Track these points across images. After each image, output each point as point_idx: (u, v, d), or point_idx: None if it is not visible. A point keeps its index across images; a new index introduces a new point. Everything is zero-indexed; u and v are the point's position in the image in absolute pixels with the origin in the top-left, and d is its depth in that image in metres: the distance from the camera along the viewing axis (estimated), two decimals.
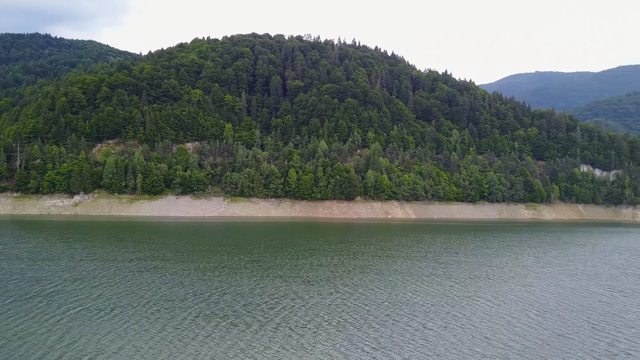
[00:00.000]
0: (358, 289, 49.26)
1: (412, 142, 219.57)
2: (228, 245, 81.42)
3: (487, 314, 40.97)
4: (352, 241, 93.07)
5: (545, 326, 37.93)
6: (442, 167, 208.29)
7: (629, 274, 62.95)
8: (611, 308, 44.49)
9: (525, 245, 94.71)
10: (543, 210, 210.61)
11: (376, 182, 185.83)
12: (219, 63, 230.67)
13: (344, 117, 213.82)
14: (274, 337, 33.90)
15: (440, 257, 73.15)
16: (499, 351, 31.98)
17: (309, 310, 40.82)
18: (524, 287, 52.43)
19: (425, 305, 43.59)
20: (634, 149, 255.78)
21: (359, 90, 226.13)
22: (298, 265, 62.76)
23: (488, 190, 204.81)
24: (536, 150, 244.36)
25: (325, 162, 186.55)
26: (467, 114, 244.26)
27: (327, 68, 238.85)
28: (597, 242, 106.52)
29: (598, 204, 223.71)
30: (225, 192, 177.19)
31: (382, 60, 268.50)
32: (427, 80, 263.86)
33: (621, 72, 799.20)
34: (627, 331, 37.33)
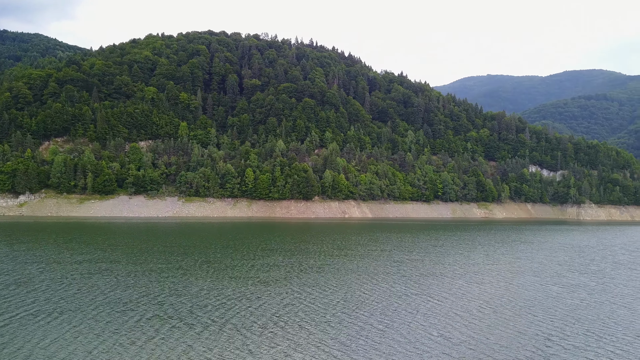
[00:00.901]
0: (312, 289, 49.32)
1: (369, 142, 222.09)
2: (182, 246, 79.83)
3: (438, 311, 41.86)
4: (308, 241, 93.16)
5: (493, 321, 39.10)
6: (397, 167, 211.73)
7: (572, 270, 65.81)
8: (556, 302, 46.35)
9: (477, 243, 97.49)
10: (494, 209, 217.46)
11: (334, 182, 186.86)
12: (174, 60, 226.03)
13: (301, 116, 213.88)
14: (219, 338, 33.43)
15: (395, 256, 74.25)
16: (449, 347, 32.72)
17: (267, 311, 40.53)
18: (474, 284, 53.92)
19: (381, 303, 44.11)
20: (578, 150, 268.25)
21: (316, 90, 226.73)
22: (253, 265, 62.24)
23: (442, 189, 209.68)
24: (488, 151, 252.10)
25: (283, 161, 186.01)
26: (422, 115, 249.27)
27: (285, 67, 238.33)
28: (543, 239, 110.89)
29: (545, 203, 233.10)
30: (180, 191, 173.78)
31: (339, 61, 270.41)
32: (383, 82, 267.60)
33: (567, 77, 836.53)
34: (569, 324, 38.97)
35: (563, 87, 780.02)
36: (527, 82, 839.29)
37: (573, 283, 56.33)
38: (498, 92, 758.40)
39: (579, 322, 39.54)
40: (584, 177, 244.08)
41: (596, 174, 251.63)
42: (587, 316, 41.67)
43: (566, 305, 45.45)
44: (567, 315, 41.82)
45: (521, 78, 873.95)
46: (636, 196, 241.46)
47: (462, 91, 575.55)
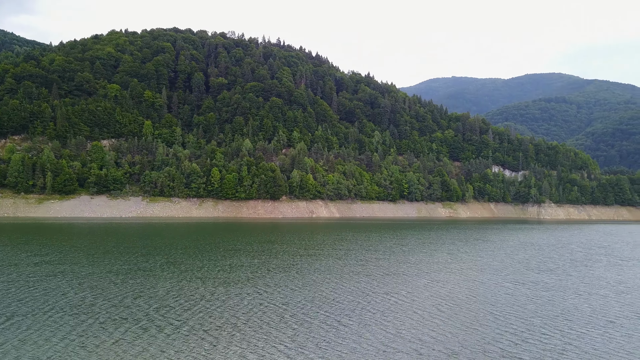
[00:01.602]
0: (276, 289, 49.12)
1: (336, 142, 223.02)
2: (145, 247, 78.21)
3: (401, 309, 42.33)
4: (275, 241, 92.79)
5: (454, 319, 39.81)
6: (364, 167, 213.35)
7: (531, 268, 67.70)
8: (515, 299, 47.57)
9: (441, 242, 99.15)
10: (459, 209, 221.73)
11: (301, 182, 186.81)
12: (138, 57, 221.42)
13: (269, 116, 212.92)
14: (187, 340, 32.92)
15: (360, 255, 74.75)
16: (411, 345, 33.12)
17: (226, 312, 40.10)
18: (437, 282, 54.78)
19: (343, 302, 44.29)
20: (539, 151, 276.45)
21: (284, 90, 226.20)
22: (217, 266, 61.54)
23: (408, 189, 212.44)
24: (452, 152, 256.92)
25: (250, 161, 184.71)
26: (388, 116, 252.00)
27: (252, 66, 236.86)
28: (504, 238, 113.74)
29: (508, 202, 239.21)
30: (144, 191, 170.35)
31: (307, 61, 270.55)
32: (350, 82, 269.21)
33: (528, 80, 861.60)
34: (527, 321, 40.06)
35: (524, 89, 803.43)
36: (491, 85, 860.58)
37: (532, 280, 57.92)
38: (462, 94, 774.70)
39: (537, 319, 40.70)
40: (544, 177, 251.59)
41: (555, 174, 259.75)
42: (545, 312, 42.92)
43: (525, 302, 46.71)
44: (526, 311, 42.99)
45: (485, 80, 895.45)
46: (593, 196, 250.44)
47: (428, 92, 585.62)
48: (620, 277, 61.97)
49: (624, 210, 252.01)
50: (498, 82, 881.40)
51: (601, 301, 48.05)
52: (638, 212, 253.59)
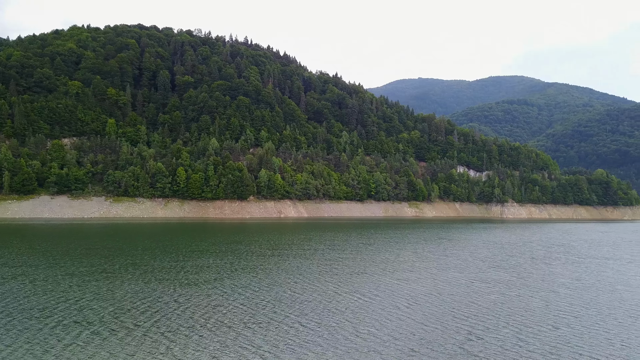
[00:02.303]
0: (243, 290, 48.76)
1: (305, 142, 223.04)
2: (107, 248, 76.34)
3: (364, 309, 42.64)
4: (241, 241, 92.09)
5: (414, 317, 40.35)
6: (332, 167, 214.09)
7: (493, 266, 69.32)
8: (477, 297, 48.61)
9: (406, 241, 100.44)
10: (425, 208, 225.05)
11: (269, 182, 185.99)
12: (101, 54, 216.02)
13: (236, 115, 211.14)
14: (141, 343, 32.25)
15: (327, 255, 74.97)
16: (376, 343, 33.41)
17: (185, 314, 39.49)
18: (401, 281, 55.44)
19: (308, 302, 44.32)
20: (502, 152, 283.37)
21: (251, 89, 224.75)
22: (183, 267, 60.63)
23: (375, 189, 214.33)
24: (418, 152, 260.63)
25: (217, 160, 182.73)
26: (356, 116, 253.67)
27: (219, 65, 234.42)
28: (468, 237, 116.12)
29: (472, 202, 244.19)
30: (107, 191, 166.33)
31: (275, 60, 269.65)
32: (318, 82, 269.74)
33: (491, 82, 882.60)
34: (489, 318, 40.99)
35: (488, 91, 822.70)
36: (456, 86, 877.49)
37: (494, 278, 59.30)
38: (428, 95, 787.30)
39: (498, 316, 41.68)
40: (507, 177, 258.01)
41: (518, 175, 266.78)
42: (506, 309, 44.00)
43: (487, 299, 47.77)
44: (488, 309, 43.98)
45: (450, 82, 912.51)
46: (553, 195, 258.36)
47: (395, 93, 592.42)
48: (577, 274, 64.14)
49: (582, 210, 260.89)
50: (463, 84, 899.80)
51: (558, 298, 49.61)
52: (595, 211, 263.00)
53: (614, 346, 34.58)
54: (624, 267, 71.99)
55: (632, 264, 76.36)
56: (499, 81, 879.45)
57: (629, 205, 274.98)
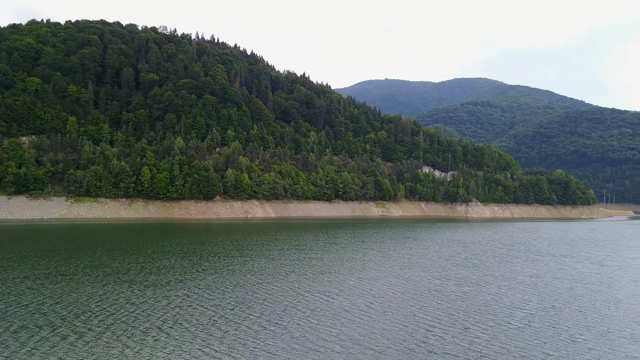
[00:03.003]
0: (205, 291, 48.11)
1: (272, 142, 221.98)
2: (66, 250, 74.06)
3: (330, 308, 42.73)
4: (207, 242, 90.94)
5: (377, 316, 40.68)
6: (300, 167, 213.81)
7: (456, 264, 70.60)
8: (440, 295, 49.38)
9: (373, 240, 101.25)
10: (391, 208, 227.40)
11: (236, 181, 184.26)
12: (62, 49, 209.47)
13: (202, 114, 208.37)
14: (108, 346, 31.44)
15: (293, 255, 74.82)
16: (337, 343, 33.47)
17: (152, 316, 38.72)
18: (367, 280, 55.82)
19: (272, 303, 44.09)
20: (467, 152, 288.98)
21: (218, 88, 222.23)
22: (144, 268, 59.39)
23: (342, 189, 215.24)
24: (385, 153, 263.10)
25: (182, 160, 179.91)
26: (323, 116, 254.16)
27: (185, 63, 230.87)
28: (433, 236, 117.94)
29: (437, 201, 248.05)
30: (68, 191, 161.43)
31: (242, 59, 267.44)
32: (285, 82, 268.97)
33: (456, 84, 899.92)
34: (451, 315, 41.68)
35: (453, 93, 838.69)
36: (422, 88, 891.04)
37: (457, 277, 60.38)
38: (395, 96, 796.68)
39: (460, 313, 42.42)
40: (471, 177, 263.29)
41: (482, 175, 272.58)
42: (468, 307, 44.83)
43: (449, 297, 48.57)
44: (450, 307, 44.72)
45: (416, 83, 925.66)
46: (515, 195, 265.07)
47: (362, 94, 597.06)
48: (536, 272, 65.99)
49: (542, 209, 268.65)
50: (429, 85, 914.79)
51: (518, 295, 50.89)
52: (555, 210, 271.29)
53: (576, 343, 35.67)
54: (581, 265, 74.50)
55: (589, 261, 79.08)
56: (464, 83, 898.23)
57: (586, 205, 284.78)
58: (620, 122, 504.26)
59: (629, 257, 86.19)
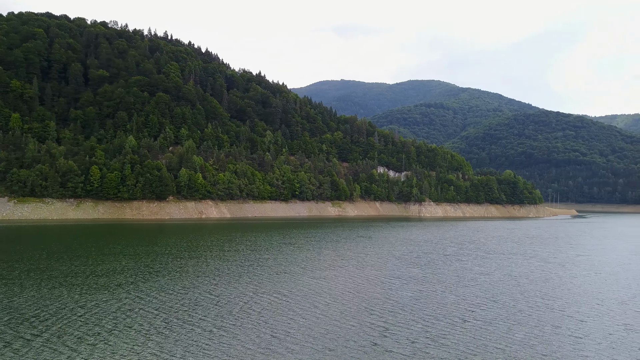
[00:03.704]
0: (155, 293, 47.14)
1: (227, 141, 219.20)
2: (7, 253, 70.68)
3: (281, 308, 42.77)
4: (158, 243, 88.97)
5: (331, 315, 41.10)
6: (256, 167, 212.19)
7: (408, 263, 72.08)
8: (392, 293, 50.30)
9: (328, 240, 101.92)
10: (347, 208, 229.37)
11: (190, 181, 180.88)
12: (4, 42, 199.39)
13: (155, 112, 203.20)
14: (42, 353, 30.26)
15: (248, 256, 74.31)
16: (292, 343, 33.57)
17: (90, 320, 37.51)
18: (320, 280, 56.19)
19: (226, 304, 43.71)
20: (420, 153, 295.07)
21: (171, 85, 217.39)
22: (93, 271, 57.51)
23: (299, 189, 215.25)
24: (341, 153, 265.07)
25: (134, 159, 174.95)
26: (280, 116, 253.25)
27: (137, 59, 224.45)
28: (386, 235, 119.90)
29: (392, 201, 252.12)
30: (11, 191, 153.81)
31: (196, 57, 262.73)
32: (241, 81, 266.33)
33: (410, 86, 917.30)
34: (403, 313, 42.56)
35: (407, 94, 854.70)
36: (377, 89, 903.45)
37: (410, 275, 61.68)
38: (350, 97, 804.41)
39: (412, 311, 43.37)
40: (425, 177, 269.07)
41: (434, 175, 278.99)
42: (420, 305, 45.89)
43: (402, 295, 49.57)
44: (402, 305, 45.63)
45: (371, 84, 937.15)
46: (467, 195, 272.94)
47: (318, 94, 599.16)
48: (483, 269, 68.28)
49: (492, 208, 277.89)
50: (383, 87, 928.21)
51: (467, 292, 52.53)
52: (504, 209, 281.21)
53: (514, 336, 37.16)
54: (526, 262, 77.65)
55: (534, 259, 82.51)
56: (417, 85, 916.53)
57: (533, 204, 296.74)
58: (564, 125, 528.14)
59: (570, 254, 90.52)
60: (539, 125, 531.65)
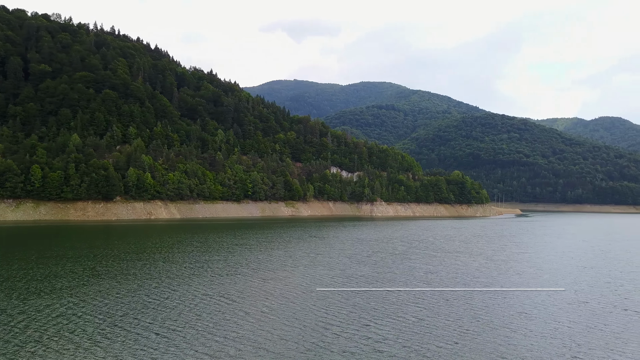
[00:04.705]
0: (95, 298, 45.53)
1: (177, 140, 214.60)
2: None
3: (226, 311, 42.26)
4: (102, 246, 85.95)
5: (277, 317, 40.99)
6: (207, 167, 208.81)
7: (358, 262, 72.94)
8: (339, 293, 50.72)
9: (280, 240, 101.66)
10: (300, 208, 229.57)
11: (138, 181, 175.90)
12: None
13: (101, 109, 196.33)
14: None
15: (197, 257, 73.05)
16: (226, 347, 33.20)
17: (30, 327, 35.78)
18: (269, 281, 55.90)
19: (169, 309, 42.78)
20: (372, 154, 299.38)
21: (119, 82, 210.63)
22: (27, 275, 54.88)
23: (252, 189, 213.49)
24: (294, 153, 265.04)
25: (79, 158, 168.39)
26: (232, 115, 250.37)
27: (82, 54, 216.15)
28: (338, 235, 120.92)
29: (345, 201, 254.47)
30: None
31: (145, 53, 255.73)
32: (192, 79, 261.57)
33: (363, 87, 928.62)
34: (349, 313, 43.00)
35: (360, 96, 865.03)
36: (329, 90, 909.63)
37: (359, 274, 62.40)
38: (304, 97, 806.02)
39: (357, 311, 43.87)
40: (376, 178, 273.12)
41: (386, 175, 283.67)
42: (368, 305, 46.49)
43: (349, 295, 50.06)
44: (351, 304, 46.09)
45: (324, 85, 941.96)
46: (417, 195, 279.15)
47: (271, 94, 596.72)
48: (430, 267, 70.04)
49: (441, 208, 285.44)
50: (336, 88, 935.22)
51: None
52: (453, 209, 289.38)
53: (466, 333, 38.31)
54: (471, 260, 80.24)
55: (480, 256, 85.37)
56: (370, 86, 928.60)
57: (480, 204, 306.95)
58: (509, 127, 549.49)
59: (513, 252, 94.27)
60: (486, 127, 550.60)
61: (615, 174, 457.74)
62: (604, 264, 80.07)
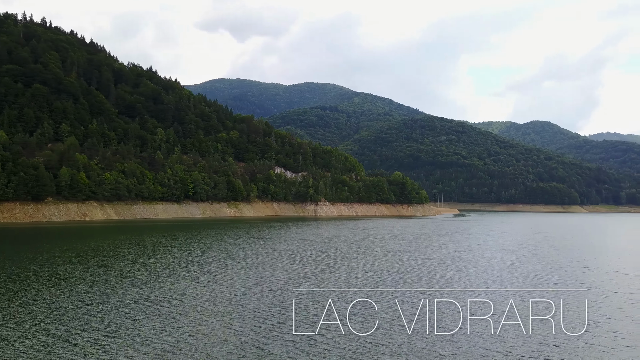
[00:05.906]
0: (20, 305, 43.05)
1: (115, 138, 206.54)
2: None
3: (162, 315, 41.14)
4: (32, 249, 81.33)
5: (214, 320, 40.34)
6: (146, 166, 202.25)
7: (299, 262, 73.12)
8: (277, 295, 50.63)
9: (221, 242, 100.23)
10: (244, 208, 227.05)
11: (72, 181, 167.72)
12: None
13: (31, 105, 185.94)
14: None
15: (131, 260, 70.64)
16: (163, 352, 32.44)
17: None
18: (206, 284, 54.96)
19: (98, 316, 40.98)
20: (316, 154, 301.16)
21: (50, 77, 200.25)
22: None
23: (193, 189, 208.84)
24: (237, 153, 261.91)
25: (6, 156, 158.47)
26: (172, 113, 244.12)
27: (9, 46, 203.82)
28: (280, 235, 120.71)
29: (289, 201, 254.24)
30: None
31: (80, 47, 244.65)
32: (130, 75, 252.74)
33: (307, 88, 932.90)
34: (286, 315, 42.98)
35: (303, 97, 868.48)
36: (273, 89, 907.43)
37: (299, 274, 62.54)
38: (247, 96, 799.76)
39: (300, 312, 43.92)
40: (320, 178, 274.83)
41: (330, 176, 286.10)
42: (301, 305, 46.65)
43: (290, 296, 50.03)
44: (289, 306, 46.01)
45: (268, 85, 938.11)
46: (359, 195, 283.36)
47: (213, 92, 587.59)
48: (371, 267, 71.32)
49: (383, 207, 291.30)
50: (280, 88, 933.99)
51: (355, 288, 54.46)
52: (394, 209, 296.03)
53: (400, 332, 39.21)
54: (410, 258, 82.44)
55: (418, 255, 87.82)
56: (313, 87, 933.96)
57: (420, 204, 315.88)
58: (448, 130, 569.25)
59: (450, 250, 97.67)
60: (426, 129, 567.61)
61: (545, 175, 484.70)
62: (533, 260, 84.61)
